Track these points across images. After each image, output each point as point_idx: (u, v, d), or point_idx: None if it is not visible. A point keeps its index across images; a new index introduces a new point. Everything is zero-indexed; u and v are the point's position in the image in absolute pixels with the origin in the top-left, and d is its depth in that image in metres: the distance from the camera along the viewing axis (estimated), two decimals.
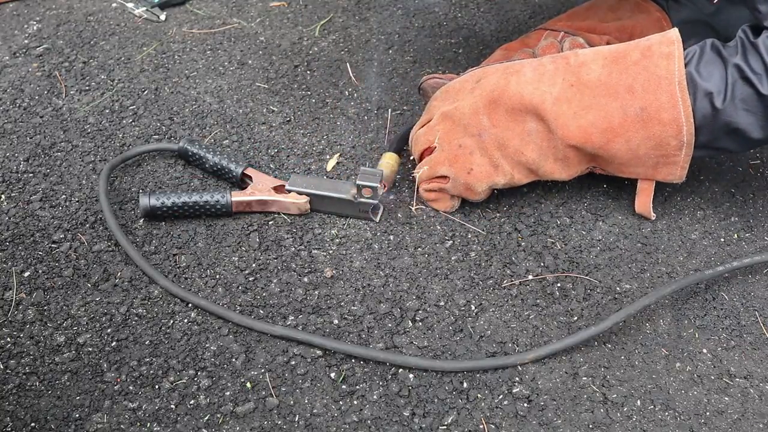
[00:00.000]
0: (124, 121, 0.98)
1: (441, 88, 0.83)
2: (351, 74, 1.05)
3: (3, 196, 0.86)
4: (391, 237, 0.82)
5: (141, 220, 0.83)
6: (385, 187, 0.83)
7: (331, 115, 0.99)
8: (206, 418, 0.65)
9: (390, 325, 0.73)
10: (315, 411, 0.66)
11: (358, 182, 0.79)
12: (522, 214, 0.85)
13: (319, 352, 0.71)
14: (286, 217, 0.84)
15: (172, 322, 0.73)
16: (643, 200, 0.80)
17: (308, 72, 1.07)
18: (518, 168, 0.77)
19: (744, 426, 0.66)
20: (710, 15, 0.91)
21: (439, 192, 0.82)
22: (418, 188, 0.83)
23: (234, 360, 0.70)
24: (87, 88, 1.03)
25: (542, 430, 0.65)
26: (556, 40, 0.87)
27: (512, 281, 0.78)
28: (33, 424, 0.65)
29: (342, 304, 0.75)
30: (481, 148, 0.77)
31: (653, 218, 0.82)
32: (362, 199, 0.81)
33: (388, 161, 0.86)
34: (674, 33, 0.71)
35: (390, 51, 1.12)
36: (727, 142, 0.73)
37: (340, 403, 0.67)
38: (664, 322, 0.74)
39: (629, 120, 0.71)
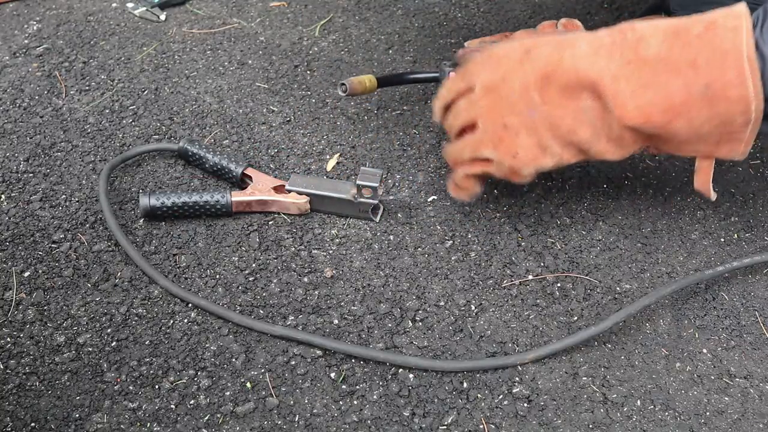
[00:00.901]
0: (124, 121, 0.98)
1: (483, 51, 0.76)
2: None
3: (3, 196, 0.86)
4: (391, 237, 0.82)
5: (141, 220, 0.83)
6: (346, 93, 0.84)
7: (331, 115, 0.99)
8: (206, 418, 0.65)
9: (390, 325, 0.73)
10: (315, 411, 0.66)
11: (358, 182, 0.79)
12: (522, 214, 0.85)
13: (319, 352, 0.71)
14: (286, 217, 0.84)
15: (172, 322, 0.73)
16: (703, 178, 0.73)
17: (308, 72, 1.07)
18: (568, 148, 0.71)
19: (744, 426, 0.66)
20: None
21: (475, 178, 0.76)
22: (454, 171, 0.77)
23: (234, 360, 0.70)
24: (87, 88, 1.03)
25: (542, 430, 0.65)
26: (554, 21, 0.88)
27: (512, 281, 0.78)
28: (33, 424, 0.65)
29: (342, 304, 0.75)
30: (529, 128, 0.70)
31: (713, 198, 0.74)
32: (362, 199, 0.81)
33: (364, 79, 0.87)
34: (742, 6, 0.65)
35: (390, 51, 1.12)
36: None
37: (340, 403, 0.67)
38: (664, 322, 0.75)
39: (693, 98, 0.65)
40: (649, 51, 0.66)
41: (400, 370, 0.69)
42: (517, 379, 0.69)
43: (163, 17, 1.18)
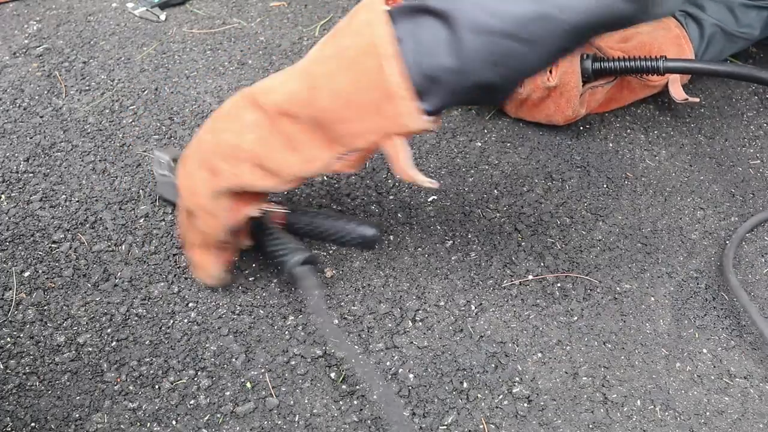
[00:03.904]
0: (124, 121, 0.97)
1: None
2: None
3: (3, 196, 0.86)
4: (391, 237, 0.82)
5: (141, 220, 0.83)
6: None
7: None
8: (206, 418, 0.65)
9: (390, 325, 0.73)
10: (315, 411, 0.66)
11: (155, 152, 0.80)
12: (522, 214, 0.85)
13: (319, 352, 0.71)
14: None
15: (172, 322, 0.73)
16: (400, 165, 0.63)
17: None
18: (244, 166, 0.65)
19: (744, 426, 0.66)
20: None
21: (206, 252, 0.72)
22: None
23: (234, 360, 0.70)
24: (87, 88, 1.03)
25: (542, 430, 0.65)
26: None
27: (512, 281, 0.78)
28: (33, 424, 0.65)
29: (342, 304, 0.75)
30: (200, 164, 0.67)
31: (433, 185, 0.64)
32: (157, 172, 0.81)
33: None
34: None
35: None
36: None
37: (340, 403, 0.67)
38: (664, 322, 0.75)
39: (330, 65, 0.62)
40: (300, 63, 0.65)
41: (400, 369, 0.69)
42: (517, 379, 0.69)
43: (163, 17, 1.18)
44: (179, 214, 0.73)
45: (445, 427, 0.65)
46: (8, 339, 0.71)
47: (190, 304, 0.75)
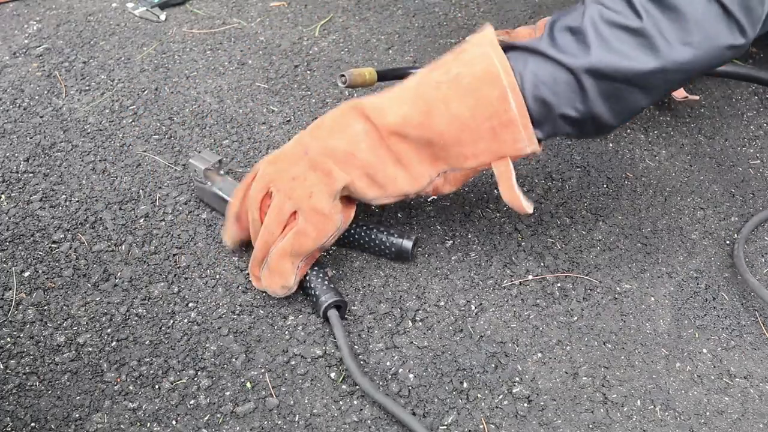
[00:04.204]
0: (124, 121, 0.97)
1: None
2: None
3: (3, 196, 0.86)
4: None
5: (141, 220, 0.83)
6: (345, 83, 0.83)
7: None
8: (206, 418, 0.65)
9: (390, 325, 0.73)
10: (315, 411, 0.66)
11: (190, 161, 0.81)
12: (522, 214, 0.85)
13: (319, 352, 0.71)
14: None
15: (172, 322, 0.73)
16: (506, 185, 0.68)
17: (308, 72, 1.07)
18: (355, 172, 0.69)
19: (744, 426, 0.66)
20: None
21: (289, 261, 0.70)
22: (268, 255, 0.72)
23: (234, 360, 0.70)
24: (87, 88, 1.03)
25: (542, 430, 0.65)
26: None
27: (512, 281, 0.78)
28: (33, 424, 0.65)
29: None
30: (311, 166, 0.69)
31: (529, 209, 0.68)
32: (195, 178, 0.82)
33: (364, 72, 0.85)
34: (488, 28, 0.68)
35: (390, 51, 1.12)
36: None
37: (340, 403, 0.67)
38: (664, 322, 0.75)
39: (445, 91, 0.66)
40: (406, 85, 0.69)
41: (400, 369, 0.69)
42: (517, 379, 0.69)
43: (163, 17, 1.18)
44: (269, 218, 0.70)
45: (445, 427, 0.65)
46: (8, 339, 0.71)
47: (190, 304, 0.75)
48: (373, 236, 0.77)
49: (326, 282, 0.72)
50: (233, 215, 0.75)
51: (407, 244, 0.76)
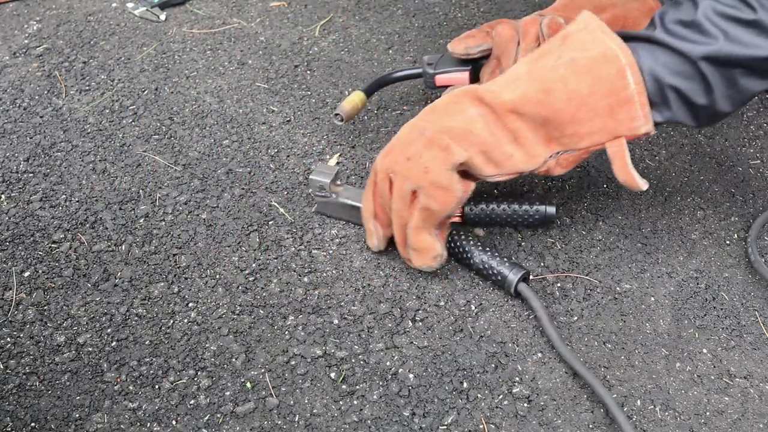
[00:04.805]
0: (124, 121, 0.98)
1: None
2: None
3: (3, 196, 0.86)
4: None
5: (141, 220, 0.83)
6: (343, 120, 0.86)
7: (332, 115, 0.99)
8: (206, 418, 0.65)
9: (390, 325, 0.73)
10: (315, 411, 0.66)
11: (311, 177, 0.80)
12: None
13: (319, 352, 0.71)
14: (287, 216, 0.84)
15: (172, 322, 0.73)
16: (620, 164, 0.69)
17: (308, 72, 1.07)
18: (472, 148, 0.70)
19: (744, 426, 0.66)
20: None
21: (427, 232, 0.73)
22: (406, 236, 0.74)
23: (234, 360, 0.70)
24: (87, 88, 1.03)
25: (542, 430, 0.65)
26: (537, 16, 0.88)
27: None
28: (33, 424, 0.65)
29: (342, 304, 0.75)
30: (427, 144, 0.70)
31: (644, 186, 0.69)
32: (317, 194, 0.81)
33: (353, 99, 0.89)
34: (586, 13, 0.70)
35: (390, 51, 1.12)
36: None
37: (340, 403, 0.67)
38: (664, 322, 0.74)
39: (562, 71, 0.68)
40: (516, 72, 0.71)
41: (400, 369, 0.69)
42: (517, 379, 0.69)
43: (163, 17, 1.18)
44: (395, 203, 0.73)
45: (445, 427, 0.65)
46: (8, 339, 0.71)
47: (190, 304, 0.75)
48: (516, 208, 0.80)
49: (504, 258, 0.75)
50: (370, 214, 0.77)
51: (551, 209, 0.80)
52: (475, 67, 0.89)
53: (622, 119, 0.67)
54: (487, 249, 0.76)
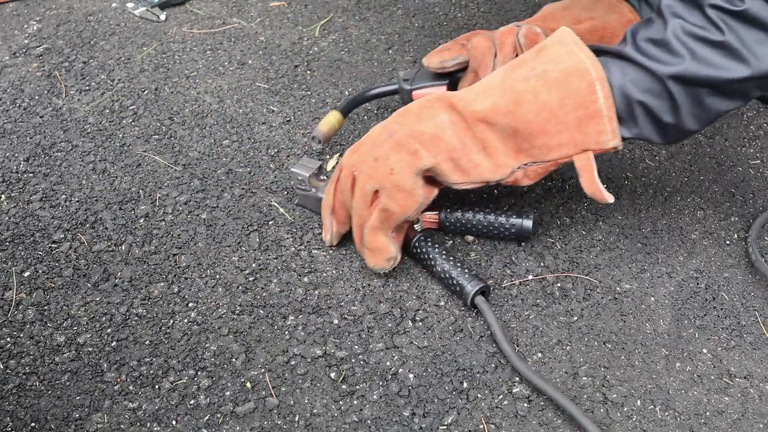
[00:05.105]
0: (124, 121, 0.98)
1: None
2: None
3: (3, 196, 0.86)
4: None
5: (141, 220, 0.83)
6: (321, 142, 0.87)
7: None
8: (206, 418, 0.65)
9: (390, 325, 0.73)
10: (315, 411, 0.66)
11: (292, 169, 0.81)
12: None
13: (319, 352, 0.71)
14: (287, 216, 0.84)
15: (172, 322, 0.73)
16: (587, 177, 0.70)
17: (308, 72, 1.07)
18: (440, 155, 0.70)
19: (744, 426, 0.66)
20: None
21: (382, 233, 0.73)
22: (363, 235, 0.74)
23: (234, 360, 0.70)
24: (87, 88, 1.03)
25: (542, 430, 0.65)
26: (514, 26, 0.87)
27: (512, 281, 0.78)
28: (33, 424, 0.65)
29: (342, 304, 0.75)
30: (395, 147, 0.70)
31: (610, 200, 0.70)
32: (297, 187, 0.82)
33: (330, 120, 0.88)
34: (564, 28, 0.71)
35: (390, 51, 1.12)
36: None
37: (340, 403, 0.67)
38: (664, 322, 0.74)
39: (534, 83, 0.68)
40: (490, 81, 0.71)
41: (400, 369, 0.69)
42: (517, 379, 0.69)
43: (163, 17, 1.18)
44: (355, 201, 0.73)
45: (445, 427, 0.65)
46: (8, 339, 0.71)
47: (190, 304, 0.75)
48: (491, 219, 0.79)
49: (465, 268, 0.74)
50: (328, 209, 0.77)
51: (528, 223, 0.79)
52: (452, 80, 0.88)
53: (590, 133, 0.68)
54: (451, 258, 0.75)
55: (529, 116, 0.68)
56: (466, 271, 0.74)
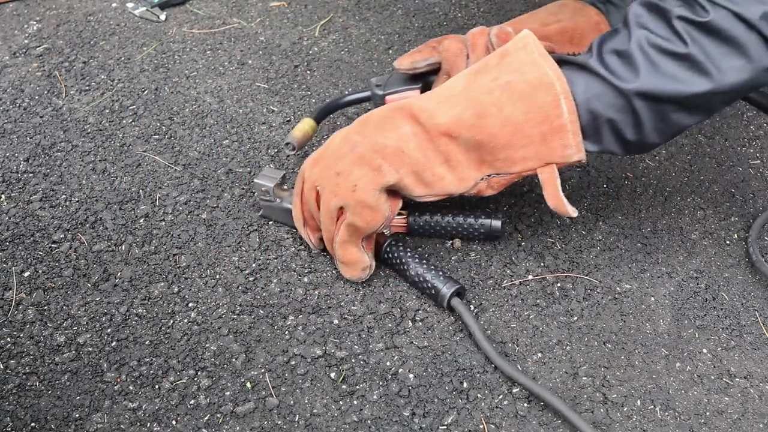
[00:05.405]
0: (124, 121, 0.98)
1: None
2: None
3: (3, 196, 0.86)
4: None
5: (141, 220, 0.83)
6: (294, 149, 0.86)
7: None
8: (206, 418, 0.65)
9: (390, 325, 0.73)
10: (315, 411, 0.66)
11: (255, 180, 0.80)
12: (522, 214, 0.85)
13: (319, 352, 0.71)
14: None
15: (172, 322, 0.73)
16: (551, 191, 0.70)
17: (308, 72, 1.07)
18: (403, 169, 0.70)
19: (744, 426, 0.66)
20: None
21: (353, 245, 0.73)
22: (333, 250, 0.75)
23: (234, 360, 0.70)
24: (87, 88, 1.03)
25: (542, 430, 0.65)
26: (485, 27, 0.87)
27: (512, 281, 0.78)
28: (33, 424, 0.65)
29: (342, 304, 0.75)
30: (357, 161, 0.70)
31: (573, 213, 0.70)
32: (261, 198, 0.81)
33: (304, 127, 0.87)
34: (526, 31, 0.70)
35: (390, 51, 1.12)
36: None
37: (340, 403, 0.67)
38: (664, 322, 0.75)
39: (498, 96, 0.67)
40: (452, 87, 0.70)
41: (400, 369, 0.69)
42: None
43: (163, 17, 1.18)
44: (322, 217, 0.73)
45: (445, 427, 0.65)
46: (8, 339, 0.71)
47: (190, 304, 0.75)
48: (460, 221, 0.79)
49: (439, 271, 0.74)
50: (300, 223, 0.77)
51: (496, 223, 0.79)
52: (425, 83, 0.87)
53: (554, 147, 0.67)
54: (424, 261, 0.75)
55: (494, 129, 0.67)
56: (440, 273, 0.73)
